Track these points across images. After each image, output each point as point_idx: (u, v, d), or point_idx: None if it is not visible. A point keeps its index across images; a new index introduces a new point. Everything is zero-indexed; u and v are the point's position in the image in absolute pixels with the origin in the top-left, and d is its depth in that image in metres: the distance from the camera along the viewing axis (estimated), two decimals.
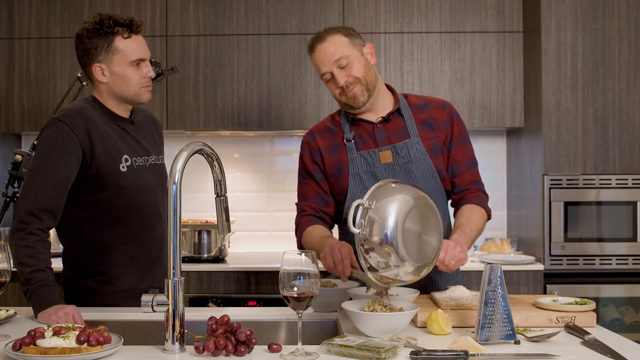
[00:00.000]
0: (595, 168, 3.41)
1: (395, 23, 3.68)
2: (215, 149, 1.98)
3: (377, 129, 2.26)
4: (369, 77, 2.25)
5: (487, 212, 2.29)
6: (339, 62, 2.20)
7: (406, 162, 2.23)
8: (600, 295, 3.36)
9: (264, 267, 3.40)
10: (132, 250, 2.24)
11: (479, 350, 1.61)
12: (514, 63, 3.66)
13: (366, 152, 2.24)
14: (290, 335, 2.04)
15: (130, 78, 2.22)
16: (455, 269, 1.99)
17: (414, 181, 2.21)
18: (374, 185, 1.86)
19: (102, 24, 2.19)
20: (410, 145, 2.24)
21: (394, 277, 1.79)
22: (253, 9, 3.69)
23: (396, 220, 1.76)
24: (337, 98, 2.28)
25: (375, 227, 1.77)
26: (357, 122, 2.29)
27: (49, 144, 2.13)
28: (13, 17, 3.71)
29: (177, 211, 1.67)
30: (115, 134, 2.23)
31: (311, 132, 2.37)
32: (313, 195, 2.33)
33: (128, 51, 2.21)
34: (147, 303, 1.66)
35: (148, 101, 2.31)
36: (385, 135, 2.26)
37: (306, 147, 2.35)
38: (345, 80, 2.21)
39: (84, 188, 2.16)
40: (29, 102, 3.72)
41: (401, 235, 1.75)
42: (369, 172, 2.23)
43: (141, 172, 2.27)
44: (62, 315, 1.89)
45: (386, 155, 2.23)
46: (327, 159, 2.29)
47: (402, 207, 1.78)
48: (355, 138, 2.27)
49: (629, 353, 1.62)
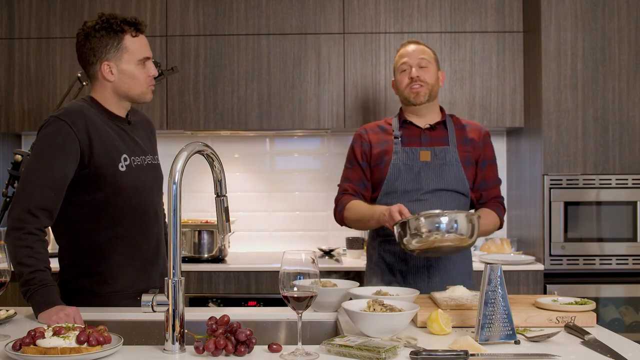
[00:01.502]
0: (595, 168, 3.41)
1: (395, 23, 3.68)
2: (215, 149, 1.97)
3: (423, 134, 2.62)
4: (434, 89, 2.62)
5: (500, 221, 2.67)
6: (420, 61, 2.59)
7: (441, 164, 2.56)
8: (600, 295, 3.36)
9: (264, 267, 3.41)
10: (129, 250, 2.24)
11: (479, 350, 1.61)
12: (514, 63, 3.66)
13: (409, 148, 2.59)
14: (290, 335, 2.04)
15: (137, 76, 2.24)
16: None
17: (445, 180, 2.55)
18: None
19: (110, 22, 2.19)
20: (447, 152, 2.58)
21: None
22: (253, 9, 3.69)
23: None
24: (401, 90, 2.63)
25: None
26: (407, 124, 2.64)
27: (48, 142, 2.12)
28: (13, 17, 3.71)
29: (177, 211, 1.67)
30: (114, 133, 2.23)
31: (364, 128, 2.72)
32: (356, 179, 2.65)
33: (136, 49, 2.23)
34: (147, 303, 1.66)
35: (150, 101, 2.33)
36: (429, 139, 2.61)
37: (358, 139, 2.69)
38: (417, 75, 2.57)
39: (82, 187, 2.16)
40: (29, 102, 3.72)
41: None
42: (407, 165, 2.56)
43: (139, 171, 2.27)
44: (62, 316, 1.89)
45: (426, 155, 2.57)
46: (375, 150, 2.62)
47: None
48: (402, 137, 2.61)
49: (629, 353, 1.62)
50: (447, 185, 2.54)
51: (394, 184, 2.56)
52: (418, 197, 2.53)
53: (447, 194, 2.55)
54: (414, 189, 2.54)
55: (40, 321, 1.94)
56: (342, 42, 3.68)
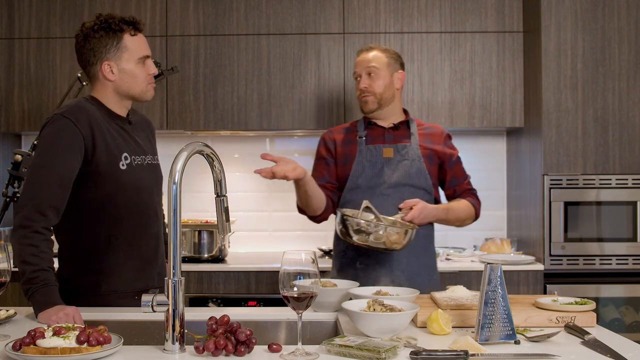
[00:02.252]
0: (595, 168, 3.41)
1: (395, 23, 3.68)
2: (215, 149, 1.97)
3: (387, 132, 2.73)
4: (385, 95, 2.71)
5: (476, 211, 2.75)
6: (369, 70, 2.70)
7: (403, 159, 2.67)
8: (600, 295, 3.36)
9: (264, 267, 3.40)
10: (128, 249, 2.24)
11: (479, 350, 1.61)
12: (514, 63, 3.66)
13: (373, 146, 2.70)
14: (290, 335, 2.04)
15: (138, 75, 2.24)
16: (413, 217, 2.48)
17: (407, 175, 2.65)
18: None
19: (109, 22, 2.20)
20: (410, 148, 2.69)
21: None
22: (253, 9, 3.69)
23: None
24: (357, 98, 2.76)
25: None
26: (372, 125, 2.75)
27: (52, 140, 2.12)
28: (13, 17, 3.71)
29: (177, 211, 1.67)
30: (115, 132, 2.24)
31: (330, 130, 2.88)
32: (318, 176, 2.76)
33: (135, 48, 2.24)
34: (147, 303, 1.66)
35: (151, 99, 2.33)
36: (393, 137, 2.72)
37: (322, 140, 2.84)
38: (365, 86, 2.69)
39: (83, 185, 2.16)
40: (29, 102, 3.72)
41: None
42: (371, 161, 2.68)
43: (139, 171, 2.27)
44: (62, 316, 1.89)
45: (388, 151, 2.68)
46: (339, 149, 2.75)
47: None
48: (366, 136, 2.73)
49: (629, 353, 1.62)
50: (408, 180, 2.64)
51: (357, 180, 2.67)
52: (381, 191, 2.63)
53: (409, 188, 2.64)
54: (377, 184, 2.64)
55: (40, 321, 1.94)
56: (342, 42, 3.68)
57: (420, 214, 2.50)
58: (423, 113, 3.66)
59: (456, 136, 4.03)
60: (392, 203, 2.56)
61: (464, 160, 2.81)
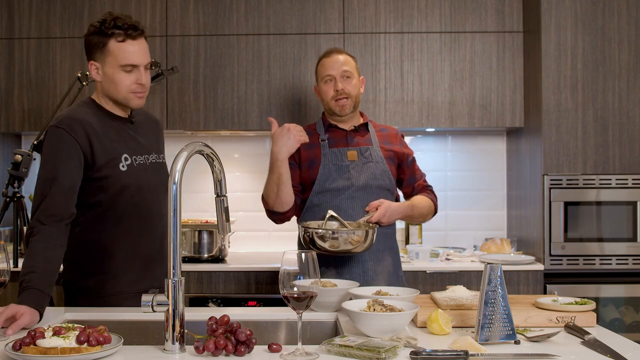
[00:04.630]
0: (595, 168, 3.41)
1: (395, 23, 3.68)
2: (215, 149, 1.97)
3: (349, 135, 2.76)
4: (357, 99, 2.77)
5: (435, 206, 2.79)
6: (344, 73, 2.71)
7: (367, 161, 2.70)
8: (600, 295, 3.36)
9: (264, 267, 3.40)
10: (134, 250, 2.25)
11: (479, 350, 1.61)
12: (514, 63, 3.66)
13: (337, 149, 2.72)
14: (290, 335, 2.04)
15: (118, 82, 2.21)
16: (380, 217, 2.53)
17: (373, 176, 2.69)
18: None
19: (103, 23, 2.20)
20: (372, 150, 2.73)
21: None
22: (253, 9, 3.69)
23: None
24: (326, 101, 2.76)
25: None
26: (332, 128, 2.77)
27: (51, 151, 2.15)
28: (13, 17, 3.71)
29: (177, 211, 1.67)
30: (114, 134, 2.24)
31: None
32: None
33: (120, 55, 2.20)
34: (147, 303, 1.66)
35: (141, 106, 2.31)
36: (355, 140, 2.75)
37: None
38: (342, 88, 2.70)
39: (87, 190, 2.18)
40: (29, 102, 3.72)
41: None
42: (337, 165, 2.69)
43: (141, 170, 2.27)
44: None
45: (353, 154, 2.70)
46: (303, 153, 2.71)
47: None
48: (328, 139, 2.74)
49: (629, 353, 1.62)
50: (374, 181, 2.67)
51: (324, 184, 2.67)
52: (349, 194, 2.65)
53: (375, 190, 2.67)
54: (345, 186, 2.66)
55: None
56: (342, 42, 3.68)
57: (386, 213, 2.55)
58: (423, 113, 3.66)
59: (456, 136, 4.05)
60: (361, 205, 2.62)
61: (464, 160, 2.82)
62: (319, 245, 2.40)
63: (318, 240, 2.40)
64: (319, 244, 2.40)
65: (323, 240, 2.40)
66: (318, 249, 2.40)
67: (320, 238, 2.40)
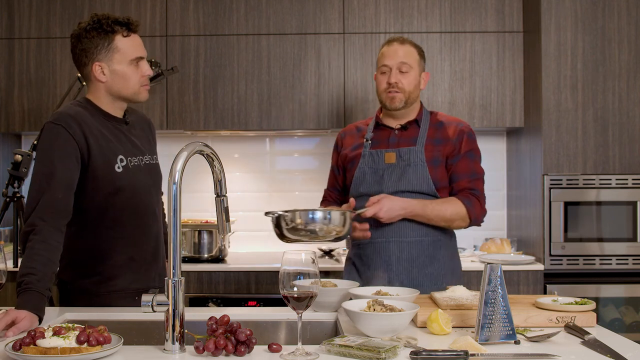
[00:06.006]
0: (595, 168, 3.41)
1: (395, 23, 3.68)
2: (215, 149, 1.97)
3: (393, 134, 2.58)
4: (412, 95, 2.55)
5: (469, 212, 2.48)
6: (401, 66, 2.53)
7: (406, 165, 2.51)
8: (600, 295, 3.36)
9: (264, 267, 3.40)
10: (129, 250, 2.24)
11: (479, 350, 1.61)
12: (514, 63, 3.66)
13: (375, 151, 2.56)
14: (290, 335, 2.04)
15: (130, 76, 2.23)
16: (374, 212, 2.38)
17: (407, 182, 2.49)
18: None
19: (101, 23, 2.19)
20: (412, 152, 2.51)
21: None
22: (253, 9, 3.69)
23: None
24: (379, 92, 2.58)
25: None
26: (380, 126, 2.61)
27: (48, 147, 2.13)
28: (13, 17, 3.71)
29: (177, 211, 1.67)
30: (109, 134, 2.23)
31: (344, 130, 2.75)
32: (331, 185, 2.76)
33: (128, 50, 2.22)
34: (147, 303, 1.66)
35: (146, 100, 2.32)
36: (397, 140, 2.56)
37: (335, 142, 2.75)
38: (396, 82, 2.51)
39: (82, 190, 2.16)
40: (29, 102, 3.72)
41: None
42: (372, 168, 2.54)
43: (136, 172, 2.27)
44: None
45: (390, 157, 2.53)
46: (348, 154, 2.63)
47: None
48: (373, 139, 2.59)
49: (629, 353, 1.62)
50: (409, 186, 2.49)
51: (358, 188, 2.55)
52: None
53: (410, 195, 2.49)
54: (376, 192, 2.49)
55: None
56: (342, 42, 3.68)
57: (383, 206, 2.38)
58: None
59: None
60: None
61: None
62: (284, 231, 2.24)
63: (283, 224, 2.22)
64: (284, 230, 2.23)
65: (287, 224, 2.22)
66: (284, 236, 2.25)
67: (284, 221, 2.22)
